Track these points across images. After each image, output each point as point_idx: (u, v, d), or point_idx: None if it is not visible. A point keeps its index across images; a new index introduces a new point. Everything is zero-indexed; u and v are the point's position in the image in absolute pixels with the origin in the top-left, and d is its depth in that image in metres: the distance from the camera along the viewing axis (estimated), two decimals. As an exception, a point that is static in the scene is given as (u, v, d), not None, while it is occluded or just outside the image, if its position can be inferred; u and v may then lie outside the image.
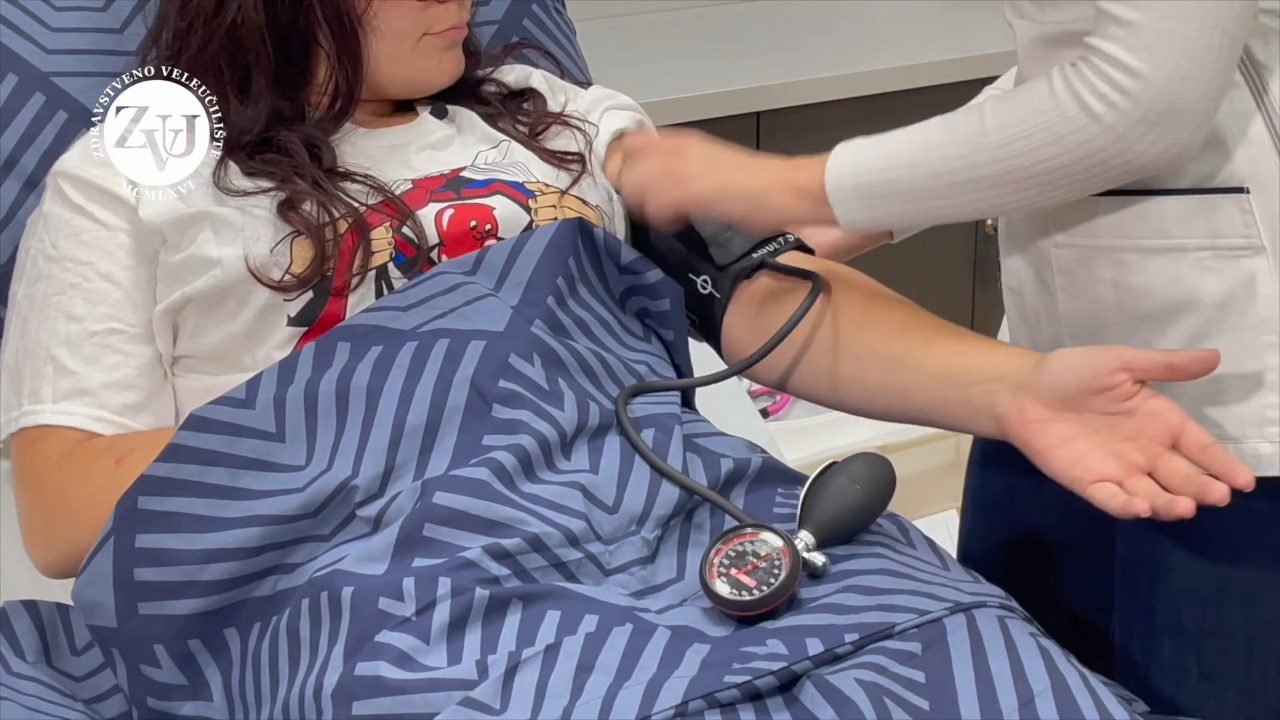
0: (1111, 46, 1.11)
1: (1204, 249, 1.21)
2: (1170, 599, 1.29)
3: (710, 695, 1.01)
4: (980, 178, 1.18)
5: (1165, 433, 1.13)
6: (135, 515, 1.16)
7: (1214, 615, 1.27)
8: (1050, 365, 1.18)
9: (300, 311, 1.30)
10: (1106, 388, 1.15)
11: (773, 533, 1.13)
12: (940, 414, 1.28)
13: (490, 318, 1.26)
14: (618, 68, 2.07)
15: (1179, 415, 1.14)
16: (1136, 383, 1.15)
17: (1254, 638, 1.26)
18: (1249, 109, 1.19)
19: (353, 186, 1.35)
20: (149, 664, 1.18)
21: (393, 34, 1.39)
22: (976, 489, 1.52)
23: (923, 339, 1.30)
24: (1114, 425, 1.15)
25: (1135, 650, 1.33)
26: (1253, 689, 1.27)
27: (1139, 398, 1.15)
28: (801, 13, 2.86)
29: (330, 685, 1.06)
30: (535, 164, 1.44)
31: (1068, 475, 1.15)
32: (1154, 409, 1.14)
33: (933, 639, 1.07)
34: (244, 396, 1.21)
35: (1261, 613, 1.26)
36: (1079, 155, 1.14)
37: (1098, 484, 1.13)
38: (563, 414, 1.21)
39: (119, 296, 1.33)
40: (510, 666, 1.03)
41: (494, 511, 1.13)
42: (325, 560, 1.14)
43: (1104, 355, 1.16)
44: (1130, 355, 1.15)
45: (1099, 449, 1.15)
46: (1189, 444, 1.13)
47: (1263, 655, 1.26)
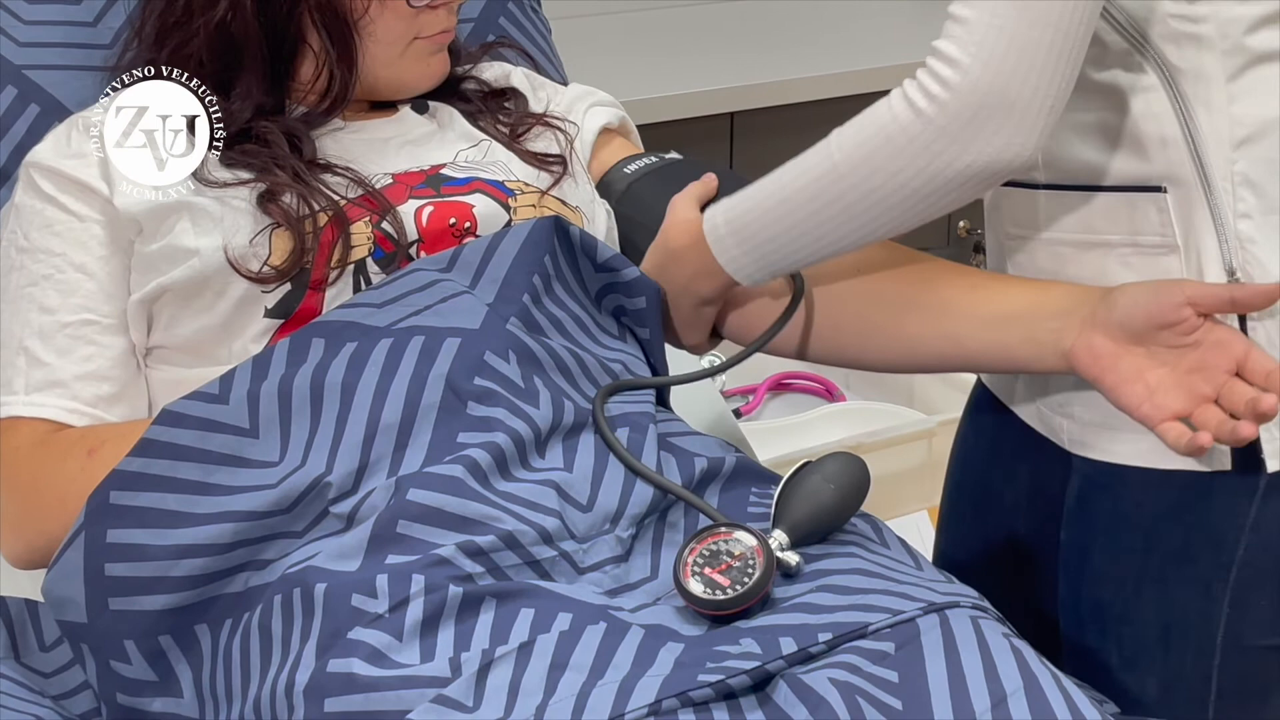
0: (944, 44, 1.13)
1: (1126, 245, 1.24)
2: (1093, 583, 1.31)
3: (684, 694, 1.01)
4: (838, 210, 1.19)
5: (1231, 361, 1.16)
6: (107, 510, 1.16)
7: (1131, 601, 1.28)
8: (1118, 300, 1.20)
9: (278, 303, 1.29)
10: (1173, 322, 1.17)
11: (746, 532, 1.13)
12: (998, 356, 1.29)
13: (466, 315, 1.25)
14: (592, 67, 2.07)
15: (1244, 344, 1.17)
16: (1200, 315, 1.17)
17: (1170, 627, 1.27)
18: (1165, 110, 1.21)
19: (333, 179, 1.35)
20: (119, 660, 1.17)
21: (386, 39, 1.39)
22: (954, 487, 1.53)
23: (967, 284, 1.31)
24: (1180, 357, 1.17)
25: (1070, 636, 1.35)
26: (1171, 679, 1.28)
27: (1203, 330, 1.17)
28: (777, 14, 2.86)
29: (302, 682, 1.05)
30: (516, 164, 1.44)
31: (1139, 412, 1.18)
32: (1219, 339, 1.17)
33: (906, 639, 1.07)
34: (217, 391, 1.20)
35: (1175, 602, 1.27)
36: (919, 164, 1.15)
37: (1167, 423, 1.16)
38: (538, 412, 1.21)
39: (92, 287, 1.32)
40: (483, 664, 1.03)
41: (468, 509, 1.13)
42: (298, 557, 1.14)
43: (1170, 289, 1.18)
44: (1194, 289, 1.18)
45: (1167, 382, 1.17)
46: (1253, 370, 1.16)
47: (1179, 645, 1.27)
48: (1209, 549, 1.25)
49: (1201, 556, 1.25)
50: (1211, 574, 1.25)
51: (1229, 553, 1.24)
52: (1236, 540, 1.24)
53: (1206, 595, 1.25)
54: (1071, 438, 1.31)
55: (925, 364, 1.37)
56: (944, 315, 1.30)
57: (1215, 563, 1.24)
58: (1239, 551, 1.24)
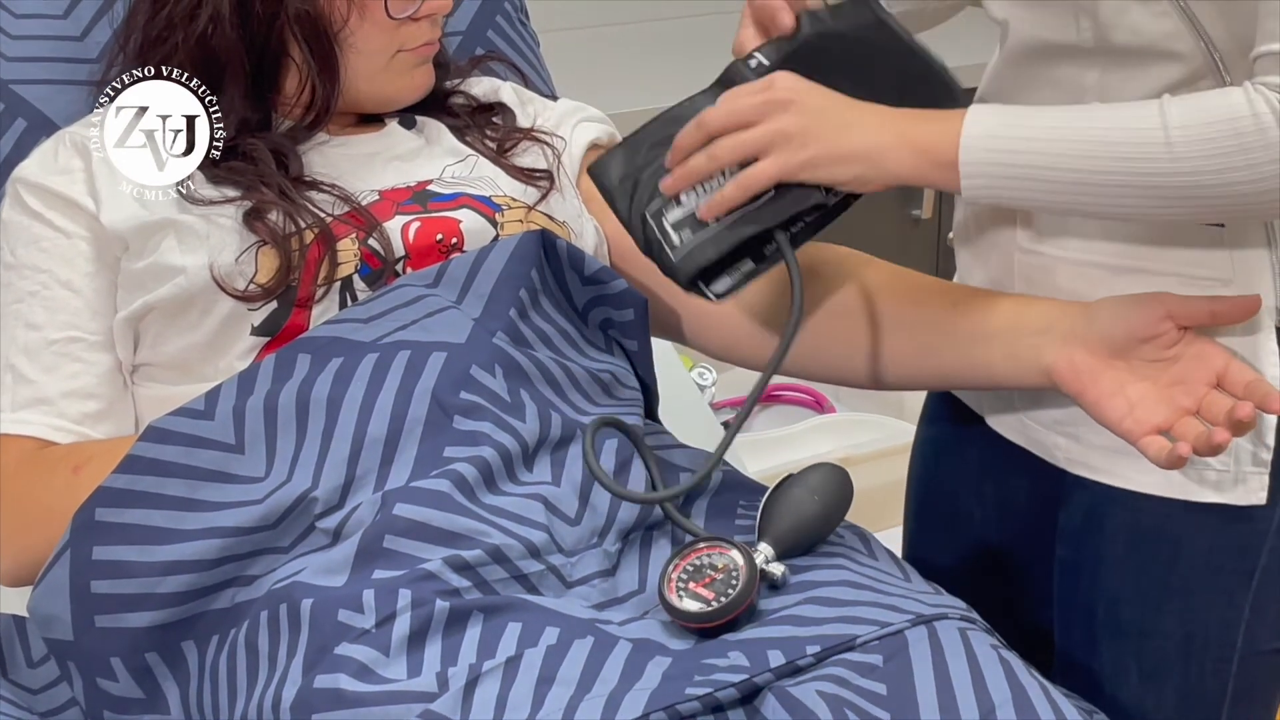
0: None
1: (1171, 274, 1.21)
2: (1109, 598, 1.30)
3: (671, 707, 1.01)
4: (1147, 182, 1.11)
5: (1211, 374, 1.16)
6: (92, 527, 1.15)
7: (1152, 615, 1.27)
8: (1099, 315, 1.20)
9: (264, 321, 1.29)
10: (1154, 335, 1.18)
11: (729, 544, 1.13)
12: (979, 373, 1.28)
13: (452, 329, 1.25)
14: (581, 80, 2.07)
15: (1223, 356, 1.16)
16: (1180, 329, 1.17)
17: (1192, 637, 1.27)
18: None
19: (319, 196, 1.34)
20: (106, 677, 1.17)
21: (368, 51, 1.39)
22: (920, 493, 1.53)
23: (948, 300, 1.31)
24: (1161, 371, 1.18)
25: (1075, 651, 1.34)
26: (1190, 688, 1.28)
27: (1183, 344, 1.18)
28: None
29: (289, 698, 1.05)
30: (503, 179, 1.43)
31: (1120, 427, 1.17)
32: (1199, 353, 1.17)
33: (894, 651, 1.07)
34: (203, 408, 1.20)
35: (1199, 612, 1.26)
36: (1268, 183, 1.08)
37: (1149, 438, 1.15)
38: (524, 425, 1.21)
39: (79, 304, 1.32)
40: (471, 679, 1.03)
41: (455, 523, 1.12)
42: (284, 572, 1.13)
43: (1150, 303, 1.18)
44: (1174, 302, 1.17)
45: (1149, 397, 1.17)
46: (1233, 382, 1.16)
47: (1200, 654, 1.27)
48: (1234, 557, 1.25)
49: (1226, 565, 1.25)
50: (1235, 583, 1.25)
51: (1253, 559, 1.24)
52: (1260, 546, 1.24)
53: (1230, 604, 1.25)
54: (1070, 457, 1.30)
55: (905, 381, 1.36)
56: (923, 332, 1.30)
57: (1239, 570, 1.24)
58: (1262, 558, 1.24)
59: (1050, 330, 1.22)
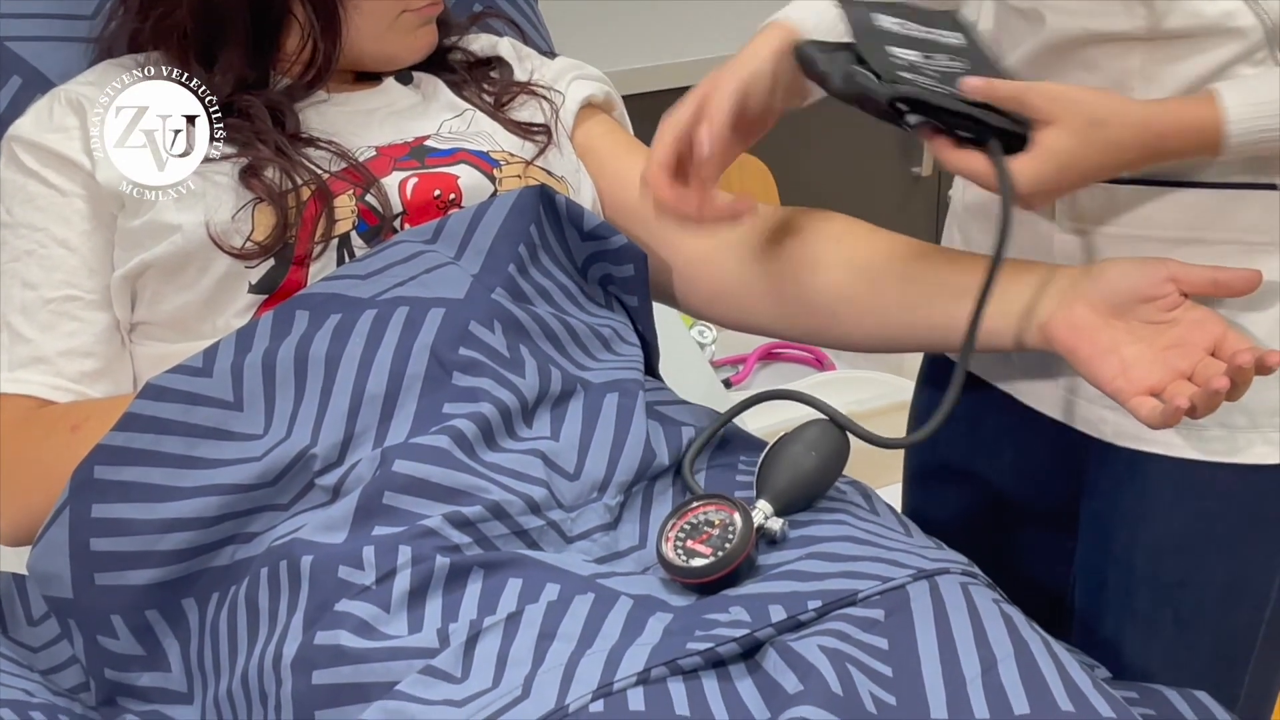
0: None
1: (1228, 243, 1.21)
2: (1151, 549, 1.29)
3: (673, 662, 1.01)
4: None
5: (1209, 340, 1.16)
6: (91, 485, 1.15)
7: (1194, 564, 1.27)
8: (1105, 272, 1.20)
9: (261, 279, 1.29)
10: (1156, 296, 1.17)
11: (726, 501, 1.13)
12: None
13: (450, 285, 1.25)
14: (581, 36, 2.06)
15: (1220, 324, 1.16)
16: (1181, 294, 1.17)
17: (1232, 585, 1.27)
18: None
19: (316, 153, 1.34)
20: (106, 635, 1.17)
21: (373, 11, 1.38)
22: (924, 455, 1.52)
23: (943, 258, 1.31)
24: (1158, 334, 1.17)
25: (1105, 606, 1.33)
26: (1223, 636, 1.28)
27: (1182, 309, 1.17)
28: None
29: (290, 654, 1.05)
30: (500, 134, 1.43)
31: (1112, 385, 1.17)
32: (1197, 318, 1.17)
33: (896, 605, 1.07)
34: (201, 365, 1.19)
35: (1242, 560, 1.26)
36: None
37: (1140, 398, 1.15)
38: (524, 381, 1.21)
39: (75, 263, 1.31)
40: (471, 635, 1.03)
41: (454, 479, 1.12)
42: (284, 529, 1.13)
43: (1155, 264, 1.18)
44: (1177, 267, 1.18)
45: (1145, 357, 1.16)
46: (1228, 349, 1.15)
47: (1238, 602, 1.27)
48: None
49: (1271, 516, 1.25)
50: (1278, 534, 1.25)
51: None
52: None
53: (1271, 555, 1.26)
54: (1120, 430, 1.28)
55: (897, 340, 1.34)
56: (913, 289, 1.29)
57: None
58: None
59: (1046, 286, 1.22)
